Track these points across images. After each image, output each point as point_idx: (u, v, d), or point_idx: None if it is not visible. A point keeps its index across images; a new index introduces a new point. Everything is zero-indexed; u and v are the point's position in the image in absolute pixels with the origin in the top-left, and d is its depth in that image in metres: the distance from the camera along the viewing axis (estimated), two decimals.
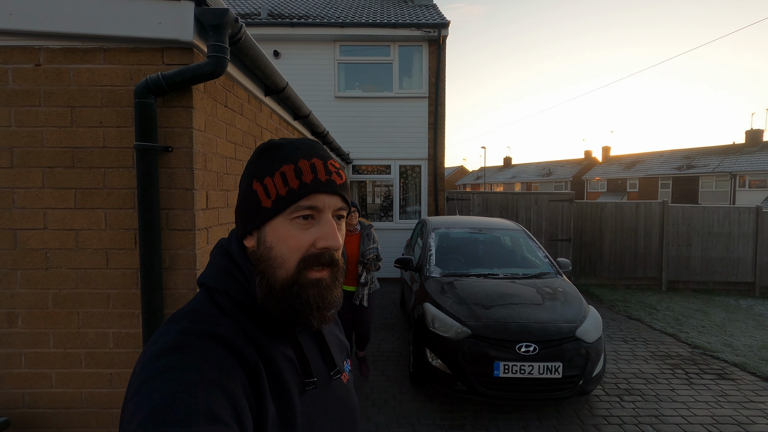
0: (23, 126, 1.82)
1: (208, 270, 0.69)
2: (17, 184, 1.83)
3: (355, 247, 4.01)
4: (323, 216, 0.66)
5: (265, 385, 0.60)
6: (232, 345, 0.59)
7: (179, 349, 0.55)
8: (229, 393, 0.53)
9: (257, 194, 0.65)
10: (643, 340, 5.58)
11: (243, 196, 0.68)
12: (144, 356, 0.57)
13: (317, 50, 8.95)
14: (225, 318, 0.63)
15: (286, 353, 0.68)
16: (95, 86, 1.81)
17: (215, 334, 0.59)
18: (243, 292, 0.65)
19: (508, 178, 49.00)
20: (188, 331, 0.58)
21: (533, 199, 8.81)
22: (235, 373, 0.57)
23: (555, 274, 4.62)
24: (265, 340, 0.64)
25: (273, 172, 0.64)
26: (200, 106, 1.88)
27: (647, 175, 32.32)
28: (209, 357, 0.55)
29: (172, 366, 0.53)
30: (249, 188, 0.66)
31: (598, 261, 8.93)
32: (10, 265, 1.85)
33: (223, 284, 0.66)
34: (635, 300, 7.71)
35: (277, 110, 3.12)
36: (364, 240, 4.01)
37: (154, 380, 0.51)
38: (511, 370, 3.42)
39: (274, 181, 0.64)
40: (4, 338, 1.87)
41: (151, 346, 0.57)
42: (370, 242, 4.01)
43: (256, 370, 0.60)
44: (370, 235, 4.09)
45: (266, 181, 0.64)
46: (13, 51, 1.80)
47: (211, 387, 0.52)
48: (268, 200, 0.64)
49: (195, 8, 1.72)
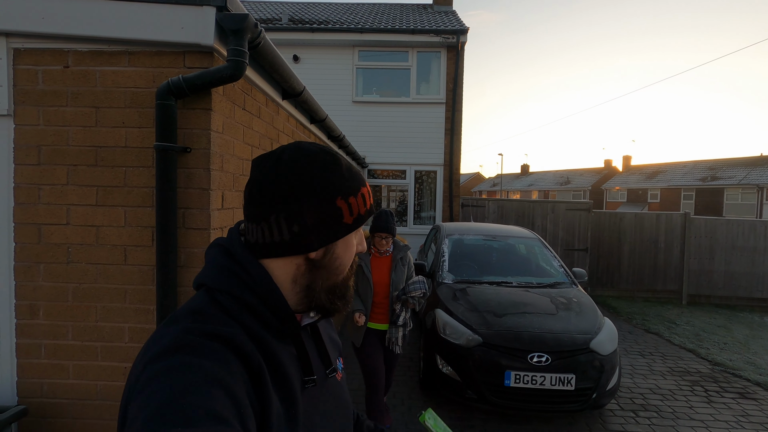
0: (50, 125, 1.89)
1: (208, 270, 0.68)
2: (43, 180, 1.90)
3: (385, 273, 3.19)
4: None
5: (268, 385, 0.61)
6: (235, 345, 0.59)
7: (182, 349, 0.55)
8: (232, 394, 0.54)
9: (341, 211, 0.68)
10: (661, 355, 5.43)
11: (321, 212, 0.67)
12: (145, 355, 0.56)
13: (336, 55, 9.05)
14: (228, 318, 0.63)
15: (289, 351, 0.69)
16: (119, 88, 1.88)
17: (218, 334, 0.59)
18: (247, 291, 0.65)
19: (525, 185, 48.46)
20: (191, 331, 0.58)
21: (550, 207, 8.69)
22: (239, 373, 0.57)
23: (570, 284, 4.55)
24: (268, 340, 0.65)
25: (356, 192, 0.70)
26: (219, 108, 1.93)
27: (669, 186, 31.55)
28: (212, 357, 0.55)
29: (175, 366, 0.53)
30: (331, 204, 0.67)
31: (616, 272, 8.75)
32: (34, 259, 1.92)
33: (226, 284, 0.65)
34: (654, 313, 7.51)
35: (293, 113, 3.17)
36: (397, 266, 3.20)
37: (157, 380, 0.52)
38: (522, 380, 3.37)
39: (357, 201, 0.70)
40: (26, 329, 1.94)
41: (153, 345, 0.57)
42: (404, 269, 3.24)
43: (259, 371, 0.60)
44: (405, 260, 3.27)
45: (351, 200, 0.69)
46: (43, 53, 1.88)
47: (215, 387, 0.52)
48: (350, 217, 0.69)
49: (216, 13, 1.76)
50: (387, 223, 3.05)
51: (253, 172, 0.70)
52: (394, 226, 3.10)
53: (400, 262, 3.22)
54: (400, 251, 3.24)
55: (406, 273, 3.25)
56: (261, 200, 0.67)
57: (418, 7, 11.48)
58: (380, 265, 3.20)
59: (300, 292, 0.70)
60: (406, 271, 3.26)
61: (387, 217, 3.07)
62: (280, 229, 0.66)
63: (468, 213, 8.75)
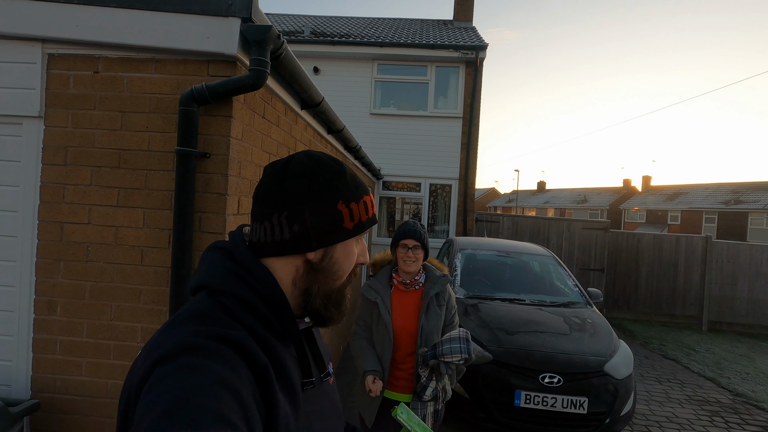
0: (78, 128, 1.96)
1: (209, 272, 0.69)
2: (68, 180, 1.97)
3: (412, 316, 2.16)
4: (362, 237, 0.78)
5: (275, 387, 0.61)
6: (242, 348, 0.59)
7: (190, 351, 0.55)
8: (240, 397, 0.54)
9: (342, 215, 0.71)
10: (679, 382, 5.24)
11: (322, 214, 0.69)
12: (151, 356, 0.56)
13: (355, 68, 9.18)
14: (233, 321, 0.63)
15: (290, 353, 0.70)
16: (145, 93, 1.94)
17: (225, 337, 0.59)
18: (253, 294, 0.66)
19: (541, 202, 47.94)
20: (198, 333, 0.58)
21: (566, 225, 8.58)
22: (245, 375, 0.57)
23: (585, 304, 4.45)
24: (272, 342, 0.66)
25: (357, 199, 0.73)
26: (239, 116, 1.97)
27: (690, 208, 30.82)
28: (220, 360, 0.55)
29: (183, 367, 0.53)
30: (333, 207, 0.70)
31: (633, 294, 8.54)
32: (55, 256, 1.97)
33: (231, 286, 0.66)
34: (672, 338, 7.29)
35: (312, 123, 3.22)
36: (430, 306, 2.16)
37: (165, 381, 0.52)
38: (533, 401, 3.29)
39: (359, 208, 0.73)
40: (44, 324, 1.98)
41: (159, 347, 0.57)
42: (441, 311, 2.18)
43: (265, 373, 0.61)
44: (443, 297, 2.21)
45: (352, 206, 0.72)
46: (75, 59, 1.96)
47: (223, 390, 0.52)
48: (351, 222, 0.71)
49: (241, 24, 1.82)
50: (414, 226, 2.17)
51: (264, 175, 0.74)
52: (425, 235, 2.16)
53: (435, 301, 2.17)
54: (435, 284, 2.18)
55: (443, 318, 2.18)
56: (266, 200, 0.70)
57: (438, 22, 11.61)
58: (405, 304, 2.17)
59: (299, 296, 0.72)
60: (445, 315, 2.19)
61: (414, 224, 2.20)
62: (282, 228, 0.69)
63: (482, 228, 8.68)
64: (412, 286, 2.20)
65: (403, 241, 2.14)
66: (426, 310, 2.15)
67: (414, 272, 2.18)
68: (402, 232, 2.16)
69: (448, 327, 2.23)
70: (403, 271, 2.19)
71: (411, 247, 2.13)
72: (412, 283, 2.20)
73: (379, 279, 2.24)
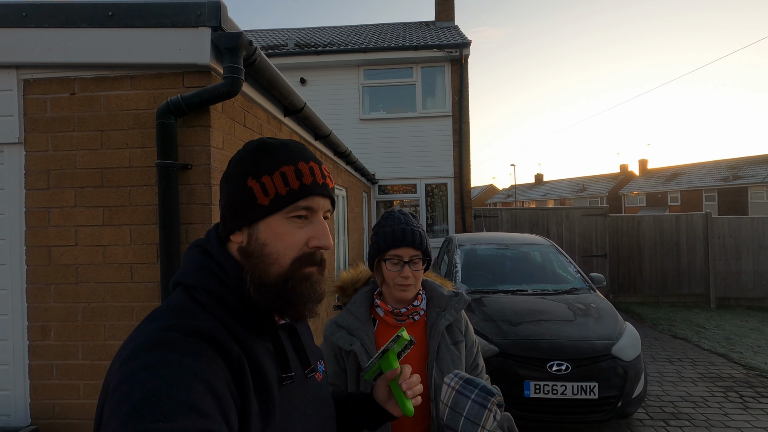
0: (59, 150, 1.96)
1: (184, 269, 0.69)
2: (53, 203, 1.96)
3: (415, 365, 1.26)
4: (316, 217, 0.70)
5: (248, 379, 0.61)
6: (214, 340, 0.59)
7: (160, 346, 0.54)
8: (212, 387, 0.53)
9: (252, 191, 0.66)
10: (691, 361, 5.19)
11: (233, 192, 0.68)
12: (122, 354, 0.56)
13: (342, 76, 9.23)
14: (205, 314, 0.63)
15: (266, 347, 0.68)
16: (123, 111, 1.94)
17: (196, 329, 0.58)
18: (223, 287, 0.66)
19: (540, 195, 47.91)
20: (168, 327, 0.57)
21: (564, 214, 8.55)
22: (218, 367, 0.57)
23: (588, 289, 4.42)
24: (245, 336, 0.65)
25: (272, 171, 0.66)
26: (218, 125, 1.97)
27: (689, 187, 30.77)
28: (191, 353, 0.55)
29: (152, 363, 0.52)
30: (242, 185, 0.67)
31: (638, 277, 8.48)
32: (44, 280, 1.97)
33: (202, 281, 0.66)
34: (681, 318, 7.23)
35: (297, 131, 3.22)
36: (442, 346, 1.30)
37: (135, 377, 0.51)
38: (542, 390, 3.25)
39: (273, 180, 0.66)
40: (39, 350, 1.97)
41: (129, 344, 0.57)
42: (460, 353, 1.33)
43: (239, 364, 0.60)
44: (459, 329, 1.36)
45: (264, 180, 0.66)
46: (51, 82, 1.96)
47: (194, 382, 0.52)
48: (265, 198, 0.66)
49: (212, 33, 1.83)
50: (407, 224, 1.28)
51: None
52: (425, 237, 1.31)
53: (448, 337, 1.33)
54: (445, 310, 1.35)
55: (464, 362, 1.35)
56: None
57: (420, 24, 11.69)
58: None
59: (259, 289, 0.68)
60: (465, 356, 1.36)
61: (405, 218, 1.31)
62: (221, 214, 0.71)
63: (481, 224, 8.67)
64: (409, 317, 1.32)
65: (394, 251, 1.25)
66: (437, 355, 1.29)
67: (412, 298, 1.32)
68: (391, 237, 1.25)
69: (471, 374, 1.36)
70: (394, 299, 1.32)
71: (408, 260, 1.25)
72: (410, 312, 1.32)
73: (354, 311, 1.33)
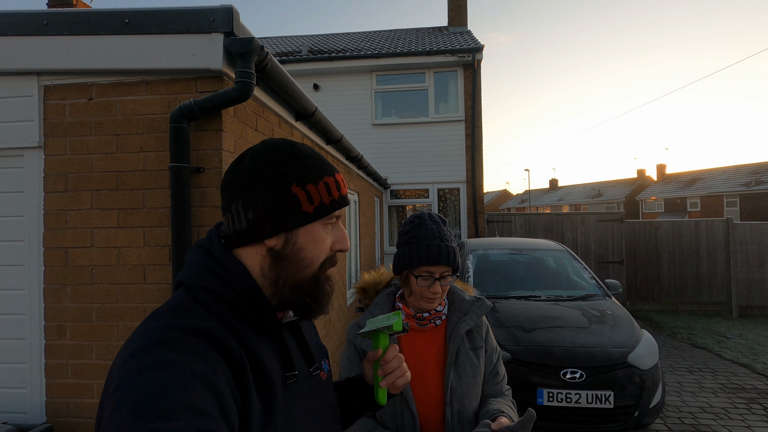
0: (76, 154, 2.01)
1: (186, 269, 0.69)
2: (70, 206, 2.01)
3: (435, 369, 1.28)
4: (338, 222, 0.75)
5: (249, 378, 0.60)
6: (215, 339, 0.59)
7: (160, 346, 0.54)
8: (213, 387, 0.53)
9: (297, 198, 0.68)
10: (711, 371, 5.04)
11: (272, 197, 0.67)
12: (123, 354, 0.56)
13: (354, 81, 9.29)
14: (207, 313, 0.63)
15: (269, 346, 0.68)
16: (138, 115, 1.98)
17: (197, 329, 0.58)
18: (226, 286, 0.66)
19: (554, 200, 47.33)
20: (169, 327, 0.58)
21: (579, 219, 8.42)
22: (219, 367, 0.56)
23: (603, 296, 4.33)
24: (248, 335, 0.65)
25: (317, 180, 0.69)
26: (230, 129, 2.00)
27: (710, 193, 30.02)
28: (191, 352, 0.55)
29: (153, 362, 0.52)
30: (285, 190, 0.67)
31: (656, 284, 8.29)
32: (61, 281, 2.01)
33: (204, 280, 0.66)
34: (701, 327, 7.03)
35: (309, 135, 3.25)
36: (461, 354, 1.29)
37: (134, 377, 0.51)
38: (556, 398, 3.19)
39: (318, 189, 0.69)
40: (54, 349, 2.01)
41: (131, 343, 0.57)
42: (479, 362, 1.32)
43: (240, 364, 0.60)
44: (480, 336, 1.35)
45: (309, 188, 0.68)
46: (70, 88, 2.02)
47: (194, 381, 0.52)
48: (310, 206, 0.68)
49: (224, 39, 1.86)
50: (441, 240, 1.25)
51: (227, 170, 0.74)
52: (455, 251, 1.26)
53: (468, 343, 1.33)
54: (466, 315, 1.34)
55: (482, 370, 1.33)
56: (225, 191, 0.71)
57: (433, 30, 11.72)
58: (421, 351, 1.30)
59: (270, 286, 0.70)
60: (484, 364, 1.34)
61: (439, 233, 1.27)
62: (239, 217, 0.68)
63: (494, 229, 8.58)
64: (430, 322, 1.32)
65: (426, 268, 1.23)
66: (455, 361, 1.28)
67: (435, 304, 1.29)
68: (426, 254, 1.21)
69: (489, 383, 1.34)
70: (418, 307, 1.31)
71: (439, 276, 1.24)
72: (432, 316, 1.31)
73: (376, 312, 1.34)
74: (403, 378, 0.85)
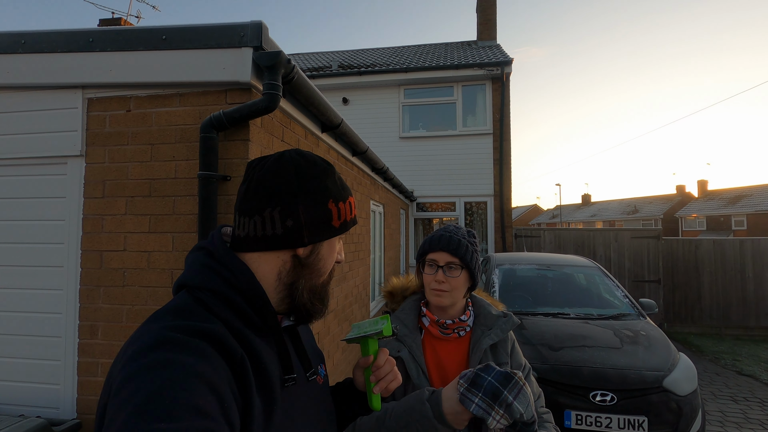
0: (114, 162, 2.12)
1: (188, 271, 0.69)
2: (106, 211, 2.12)
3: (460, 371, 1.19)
4: None
5: (251, 380, 0.61)
6: (217, 340, 0.59)
7: (163, 346, 0.55)
8: (215, 389, 0.54)
9: (331, 213, 0.73)
10: (759, 401, 4.68)
11: (314, 211, 0.71)
12: (125, 354, 0.56)
13: (383, 95, 9.41)
14: (209, 314, 0.63)
15: (269, 349, 0.69)
16: (171, 126, 2.08)
17: (199, 330, 0.59)
18: (229, 288, 0.66)
19: (587, 216, 45.83)
20: (172, 328, 0.58)
21: (613, 235, 8.11)
22: (221, 368, 0.57)
23: (637, 315, 4.13)
24: (249, 336, 0.65)
25: (344, 199, 0.76)
26: (256, 139, 2.06)
27: (757, 210, 28.34)
28: (194, 353, 0.55)
29: (155, 363, 0.52)
30: (323, 205, 0.72)
31: (696, 306, 7.84)
32: (95, 283, 2.11)
33: (206, 282, 0.66)
34: (747, 353, 6.57)
35: (334, 146, 3.30)
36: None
37: (137, 378, 0.51)
38: (585, 422, 3.04)
39: (345, 208, 0.76)
40: (87, 348, 2.10)
41: (133, 344, 0.57)
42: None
43: (241, 365, 0.60)
44: (504, 349, 1.31)
45: (340, 205, 0.75)
46: (110, 100, 2.15)
47: (196, 382, 0.52)
48: (338, 221, 0.75)
49: (253, 53, 1.93)
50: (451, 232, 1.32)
51: (253, 170, 0.73)
52: (468, 247, 1.29)
53: (491, 357, 1.29)
54: (492, 329, 1.32)
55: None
56: (258, 195, 0.70)
57: (462, 44, 11.76)
58: (444, 360, 1.29)
59: (283, 290, 0.71)
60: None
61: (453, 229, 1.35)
62: (273, 223, 0.68)
63: (522, 243, 8.40)
64: (454, 331, 1.29)
65: (430, 255, 1.30)
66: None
67: (447, 307, 1.30)
68: (429, 241, 1.33)
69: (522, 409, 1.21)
70: (433, 305, 1.32)
71: (443, 265, 1.27)
72: (455, 326, 1.29)
73: (403, 318, 1.34)
74: (396, 381, 0.85)
